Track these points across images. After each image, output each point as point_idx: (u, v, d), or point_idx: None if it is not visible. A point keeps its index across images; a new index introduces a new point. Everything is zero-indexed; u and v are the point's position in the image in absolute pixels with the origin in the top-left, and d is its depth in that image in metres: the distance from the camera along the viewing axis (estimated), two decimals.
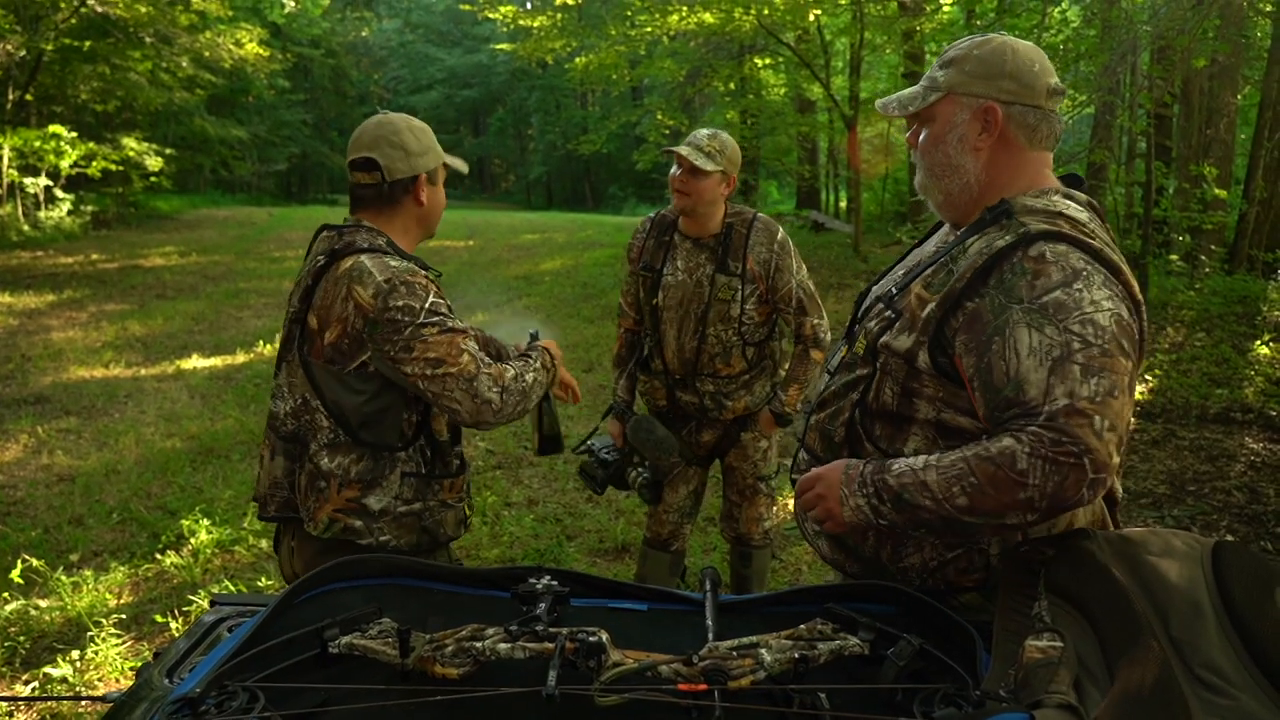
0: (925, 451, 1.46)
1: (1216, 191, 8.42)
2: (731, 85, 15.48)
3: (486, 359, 1.84)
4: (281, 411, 1.92)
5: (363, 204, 1.94)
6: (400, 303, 1.77)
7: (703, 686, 1.10)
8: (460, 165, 2.07)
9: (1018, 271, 1.34)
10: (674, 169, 2.67)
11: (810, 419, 1.66)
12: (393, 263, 1.83)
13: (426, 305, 1.79)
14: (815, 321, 2.72)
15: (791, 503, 2.98)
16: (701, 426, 2.87)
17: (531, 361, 1.96)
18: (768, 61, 15.26)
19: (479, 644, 1.19)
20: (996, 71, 1.46)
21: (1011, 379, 1.29)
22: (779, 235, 2.71)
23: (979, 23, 9.80)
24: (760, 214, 2.76)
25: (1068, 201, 1.45)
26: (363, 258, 1.82)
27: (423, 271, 1.87)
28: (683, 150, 2.61)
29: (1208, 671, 0.93)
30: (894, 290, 1.54)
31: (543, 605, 1.27)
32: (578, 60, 14.24)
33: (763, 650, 1.17)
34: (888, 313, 1.51)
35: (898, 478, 1.35)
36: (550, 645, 1.16)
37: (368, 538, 1.86)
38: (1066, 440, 1.23)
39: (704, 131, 2.68)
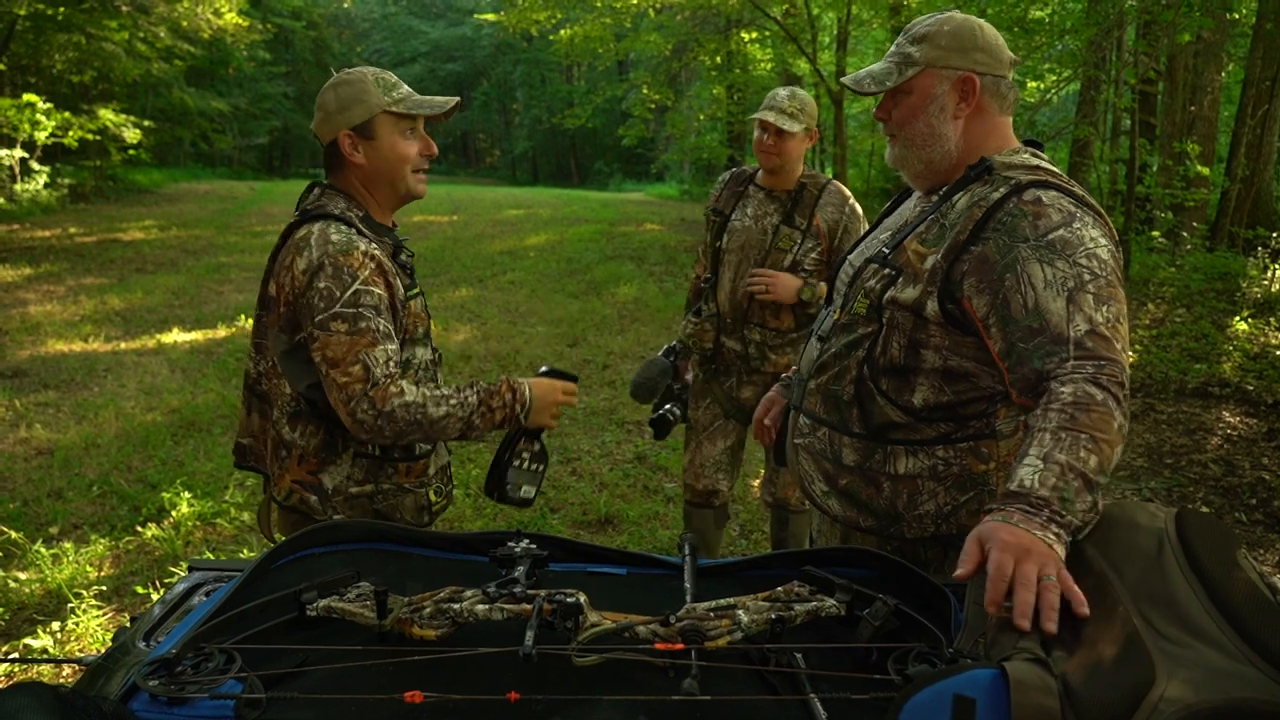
0: (933, 399, 1.54)
1: (1199, 169, 8.45)
2: (718, 60, 15.41)
3: (387, 374, 1.66)
4: (254, 370, 1.89)
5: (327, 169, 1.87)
6: (322, 285, 1.66)
7: (680, 646, 1.11)
8: (415, 106, 1.79)
9: (1017, 214, 1.43)
10: (758, 134, 2.78)
11: (808, 385, 1.70)
12: (335, 236, 1.69)
13: (347, 295, 1.65)
14: None
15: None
16: (741, 382, 2.93)
17: (464, 395, 1.75)
18: (754, 36, 15.16)
19: (457, 606, 1.19)
20: (970, 45, 1.55)
21: (1030, 309, 1.37)
22: (850, 200, 2.84)
23: None
24: (835, 180, 2.91)
25: (1038, 158, 1.56)
26: (317, 225, 1.73)
27: (361, 249, 1.69)
28: (769, 116, 2.73)
29: (1171, 626, 0.95)
30: (885, 251, 1.60)
31: (521, 568, 1.28)
32: (563, 33, 14.11)
33: (740, 611, 1.18)
34: (886, 270, 1.57)
35: (1046, 486, 1.19)
36: (528, 606, 1.17)
37: (321, 515, 1.80)
38: (1104, 362, 1.30)
39: (782, 92, 2.80)
